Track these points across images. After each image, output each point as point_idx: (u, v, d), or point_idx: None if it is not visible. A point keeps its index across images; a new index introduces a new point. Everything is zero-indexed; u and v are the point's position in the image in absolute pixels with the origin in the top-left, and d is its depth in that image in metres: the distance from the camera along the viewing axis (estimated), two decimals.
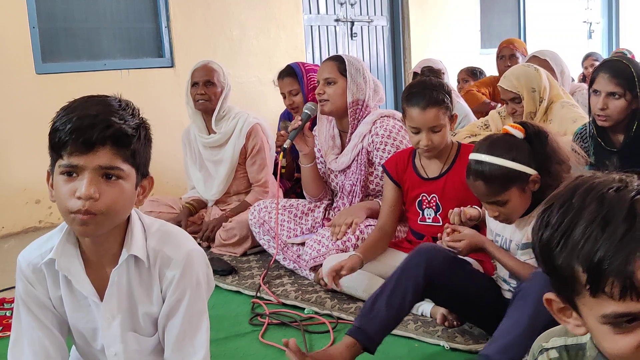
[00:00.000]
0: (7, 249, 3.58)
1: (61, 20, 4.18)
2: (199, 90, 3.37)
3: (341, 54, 3.06)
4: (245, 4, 5.11)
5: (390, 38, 6.63)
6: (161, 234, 1.47)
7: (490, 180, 1.86)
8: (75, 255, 1.43)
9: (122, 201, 1.35)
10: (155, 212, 3.43)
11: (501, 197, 1.88)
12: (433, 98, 2.34)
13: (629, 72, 2.54)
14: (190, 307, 1.44)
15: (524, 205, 1.91)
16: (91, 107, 1.32)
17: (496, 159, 1.86)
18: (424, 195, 2.47)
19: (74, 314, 1.47)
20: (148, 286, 1.45)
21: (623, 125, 2.60)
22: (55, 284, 1.45)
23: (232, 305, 2.60)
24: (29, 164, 3.76)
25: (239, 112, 3.47)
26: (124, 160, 1.33)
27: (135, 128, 1.35)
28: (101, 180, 1.31)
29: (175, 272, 1.43)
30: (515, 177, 1.85)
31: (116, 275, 1.42)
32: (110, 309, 1.44)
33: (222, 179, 3.48)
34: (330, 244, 2.66)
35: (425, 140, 2.34)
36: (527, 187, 1.88)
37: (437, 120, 2.34)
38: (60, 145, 1.29)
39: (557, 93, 3.13)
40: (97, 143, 1.29)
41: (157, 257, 1.44)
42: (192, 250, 1.46)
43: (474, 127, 3.44)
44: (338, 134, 2.98)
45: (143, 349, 1.49)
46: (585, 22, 9.80)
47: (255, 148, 3.42)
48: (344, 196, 2.90)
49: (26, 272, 1.45)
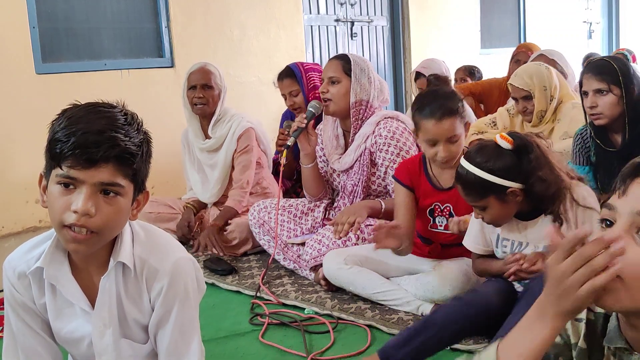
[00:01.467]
0: (7, 249, 3.56)
1: (61, 20, 4.17)
2: (197, 94, 3.34)
3: (347, 53, 3.04)
4: (245, 4, 5.11)
5: (390, 38, 6.63)
6: (148, 242, 1.44)
7: (467, 187, 1.94)
8: (65, 263, 1.40)
9: (117, 219, 1.32)
10: (154, 212, 3.43)
11: (478, 204, 1.94)
12: (448, 108, 2.26)
13: (611, 67, 2.58)
14: (181, 317, 1.43)
15: (507, 213, 1.96)
16: (96, 122, 1.27)
17: (474, 169, 1.90)
18: (437, 205, 2.42)
19: (56, 322, 1.45)
20: (136, 295, 1.43)
21: (621, 125, 2.61)
22: (40, 291, 1.43)
23: (232, 305, 2.60)
24: (29, 164, 3.75)
25: (234, 114, 3.44)
26: (124, 177, 1.30)
27: (139, 145, 1.31)
28: (99, 196, 1.27)
29: (163, 284, 1.40)
30: (491, 187, 1.89)
31: (106, 282, 1.40)
32: (102, 317, 1.41)
33: (216, 183, 3.47)
34: (331, 243, 2.66)
35: (443, 152, 2.27)
36: (507, 198, 1.90)
37: (453, 130, 2.26)
38: (60, 157, 1.25)
39: (567, 93, 3.15)
40: (101, 161, 1.25)
41: (144, 267, 1.41)
42: (178, 260, 1.43)
43: (482, 125, 3.44)
44: (342, 134, 2.98)
45: (137, 354, 1.47)
46: (585, 22, 9.80)
47: (242, 150, 3.38)
48: (345, 196, 2.90)
49: (12, 279, 1.43)
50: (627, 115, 2.58)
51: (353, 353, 2.11)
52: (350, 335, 2.26)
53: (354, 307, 2.43)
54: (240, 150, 3.39)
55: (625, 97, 2.55)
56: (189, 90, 3.38)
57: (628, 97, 2.56)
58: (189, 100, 3.39)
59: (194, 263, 1.48)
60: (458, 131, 2.28)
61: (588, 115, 2.65)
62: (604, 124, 2.61)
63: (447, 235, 2.40)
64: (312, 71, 3.36)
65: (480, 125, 3.45)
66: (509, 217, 1.98)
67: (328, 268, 2.53)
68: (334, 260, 2.52)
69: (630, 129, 2.59)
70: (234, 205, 3.34)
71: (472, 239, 2.19)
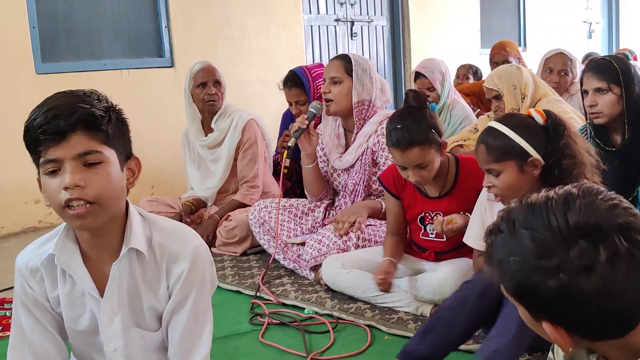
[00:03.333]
0: (7, 249, 3.58)
1: (61, 20, 4.17)
2: (210, 91, 3.38)
3: (349, 53, 3.03)
4: (245, 4, 5.11)
5: (390, 38, 6.63)
6: (167, 229, 1.47)
7: (491, 146, 1.91)
8: (75, 251, 1.42)
9: (111, 186, 1.34)
10: (154, 212, 3.42)
11: (496, 167, 1.90)
12: (414, 138, 2.21)
13: (612, 66, 2.58)
14: (196, 304, 1.44)
15: (520, 185, 1.90)
16: (56, 100, 1.33)
17: (503, 127, 1.91)
18: (427, 213, 2.42)
19: (70, 312, 1.46)
20: (154, 281, 1.44)
21: (620, 125, 2.61)
22: (53, 284, 1.45)
23: (232, 305, 2.60)
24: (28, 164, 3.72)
25: (235, 109, 3.49)
26: (101, 143, 1.32)
27: (104, 110, 1.34)
28: (83, 168, 1.30)
29: (184, 268, 1.42)
30: (514, 151, 1.88)
31: (117, 270, 1.42)
32: (112, 305, 1.43)
33: (219, 175, 3.50)
34: (331, 243, 2.66)
35: (413, 177, 2.28)
36: (526, 168, 1.88)
37: (421, 158, 2.23)
38: (35, 142, 1.30)
39: (544, 92, 3.15)
40: (68, 130, 1.29)
41: (164, 252, 1.43)
42: (199, 246, 1.46)
43: (465, 132, 3.46)
44: (343, 133, 2.98)
45: (148, 344, 1.48)
46: (585, 22, 9.80)
47: (248, 142, 3.42)
48: (347, 195, 2.90)
49: (24, 273, 1.45)
50: (627, 114, 2.58)
51: (353, 353, 2.10)
52: (350, 335, 2.25)
53: (354, 307, 2.43)
54: (245, 142, 3.42)
55: (625, 97, 2.55)
56: (198, 88, 3.40)
57: (628, 96, 2.56)
58: (200, 98, 3.41)
59: (209, 254, 1.51)
60: (427, 158, 2.24)
61: (588, 114, 2.65)
62: (603, 123, 2.61)
63: (440, 243, 2.41)
64: (319, 78, 3.32)
65: (463, 133, 3.46)
66: (518, 191, 1.88)
67: (327, 274, 2.53)
68: (332, 266, 2.51)
69: (630, 128, 2.58)
70: (242, 199, 3.36)
71: (473, 234, 2.17)
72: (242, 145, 3.43)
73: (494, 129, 1.93)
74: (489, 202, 2.15)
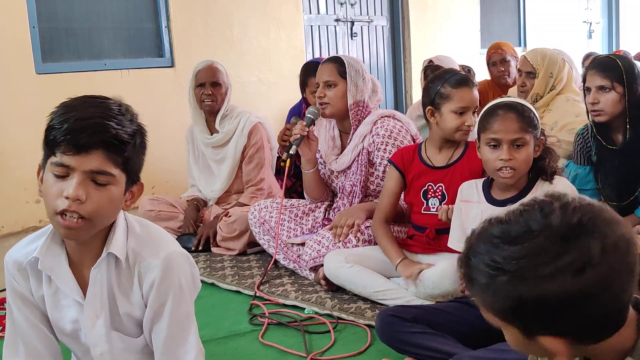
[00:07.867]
0: (7, 249, 3.57)
1: (61, 20, 4.17)
2: (206, 91, 3.39)
3: (340, 55, 3.01)
4: (245, 4, 5.11)
5: (390, 38, 6.63)
6: (142, 236, 1.45)
7: (521, 115, 2.02)
8: (61, 254, 1.42)
9: (109, 207, 1.34)
10: (155, 211, 3.45)
11: (523, 136, 2.01)
12: (473, 80, 2.48)
13: (616, 65, 2.58)
14: (176, 311, 1.43)
15: (529, 163, 2.05)
16: (89, 109, 1.31)
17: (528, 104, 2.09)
18: (430, 185, 2.48)
19: (54, 313, 1.47)
20: (127, 287, 1.44)
21: (622, 123, 2.61)
22: (38, 283, 1.45)
23: (231, 305, 2.60)
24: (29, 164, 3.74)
25: (241, 111, 3.49)
26: (116, 166, 1.32)
27: (131, 135, 1.33)
28: (90, 184, 1.30)
29: (155, 276, 1.41)
30: (535, 123, 2.04)
31: (97, 273, 1.41)
32: (94, 308, 1.43)
33: (224, 177, 3.50)
34: (331, 244, 2.66)
35: (471, 120, 2.40)
36: (536, 145, 2.06)
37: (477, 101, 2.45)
38: (54, 143, 1.29)
39: (570, 88, 3.15)
40: (90, 147, 1.28)
41: (136, 259, 1.43)
42: (171, 253, 1.44)
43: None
44: (338, 135, 2.98)
45: (130, 348, 1.48)
46: (585, 22, 9.80)
47: (255, 146, 3.43)
48: (344, 197, 2.90)
49: (12, 270, 1.46)
50: (629, 113, 2.58)
51: (353, 353, 2.10)
52: (350, 335, 2.25)
53: (354, 307, 2.43)
54: (252, 145, 3.43)
55: (627, 96, 2.55)
56: (197, 88, 3.42)
57: (630, 95, 2.56)
58: (197, 98, 3.42)
59: (188, 258, 1.49)
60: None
61: (589, 111, 2.64)
62: (604, 121, 2.61)
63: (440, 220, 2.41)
64: None
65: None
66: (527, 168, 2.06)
67: (328, 267, 2.53)
68: (334, 259, 2.52)
69: (632, 127, 2.58)
70: (247, 202, 3.37)
71: (456, 237, 2.21)
72: (248, 149, 3.44)
73: (520, 102, 2.07)
74: (463, 203, 2.22)
